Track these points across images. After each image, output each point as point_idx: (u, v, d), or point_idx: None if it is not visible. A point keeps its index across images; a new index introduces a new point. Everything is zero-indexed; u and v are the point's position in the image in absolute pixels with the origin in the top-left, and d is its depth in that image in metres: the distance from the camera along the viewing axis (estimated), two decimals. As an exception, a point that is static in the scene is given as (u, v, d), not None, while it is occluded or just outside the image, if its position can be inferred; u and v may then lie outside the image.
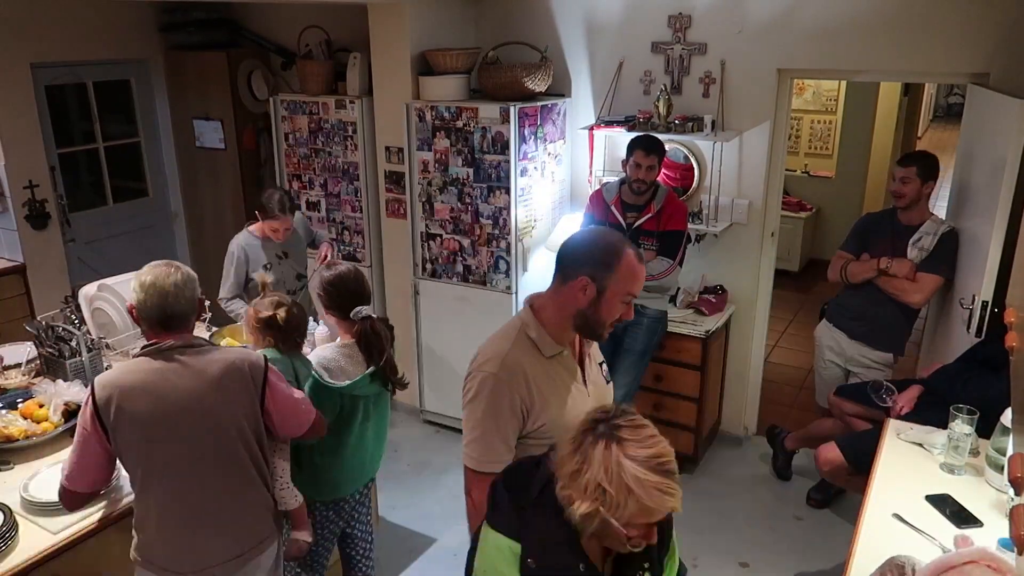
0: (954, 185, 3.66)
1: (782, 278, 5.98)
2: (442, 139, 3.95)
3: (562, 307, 1.76)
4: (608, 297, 1.71)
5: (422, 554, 3.43)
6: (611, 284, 1.70)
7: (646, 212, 3.47)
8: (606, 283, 1.70)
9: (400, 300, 4.45)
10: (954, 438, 2.43)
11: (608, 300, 1.72)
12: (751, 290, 4.06)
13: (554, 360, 1.79)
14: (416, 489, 3.89)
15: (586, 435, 1.38)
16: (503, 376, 1.73)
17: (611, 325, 1.78)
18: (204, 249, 5.40)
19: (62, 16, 4.45)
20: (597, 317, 1.74)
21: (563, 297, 1.75)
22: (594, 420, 1.41)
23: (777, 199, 4.05)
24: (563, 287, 1.74)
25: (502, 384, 1.72)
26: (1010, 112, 2.86)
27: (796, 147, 7.39)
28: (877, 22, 3.44)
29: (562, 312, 1.76)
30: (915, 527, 2.17)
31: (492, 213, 3.92)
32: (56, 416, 2.52)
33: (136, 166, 5.21)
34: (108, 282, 3.22)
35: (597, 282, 1.70)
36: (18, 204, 4.36)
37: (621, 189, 3.54)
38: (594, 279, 1.70)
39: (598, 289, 1.70)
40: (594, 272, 1.70)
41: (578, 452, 1.37)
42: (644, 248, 3.46)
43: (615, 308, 1.74)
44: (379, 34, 4.05)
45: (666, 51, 3.90)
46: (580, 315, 1.74)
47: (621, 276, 1.70)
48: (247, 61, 4.91)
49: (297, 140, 4.46)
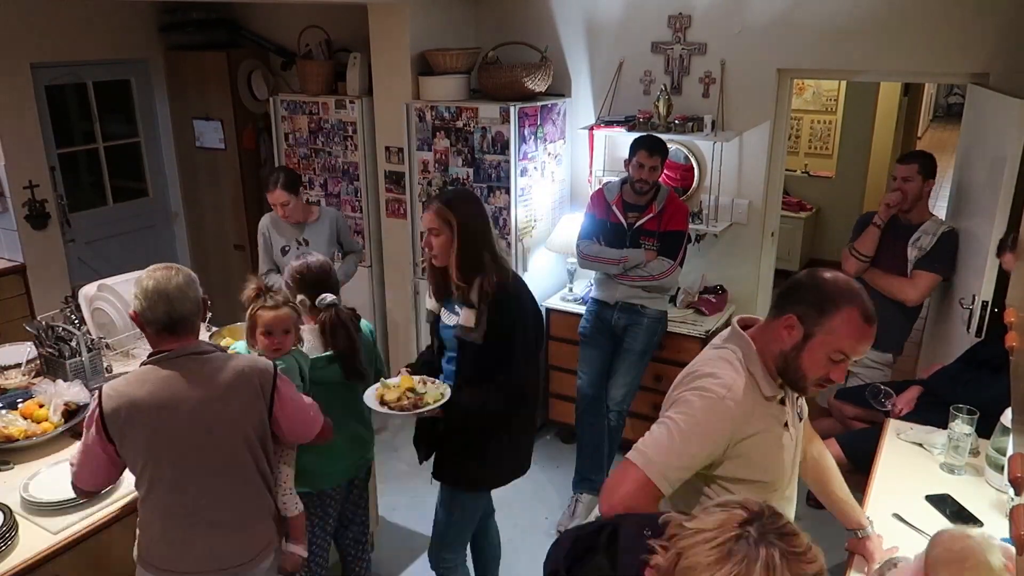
0: (954, 185, 3.66)
1: (782, 278, 5.95)
2: (442, 139, 3.95)
3: (768, 344, 1.63)
4: (813, 346, 1.56)
5: (422, 554, 3.42)
6: (820, 333, 1.55)
7: (647, 212, 3.47)
8: (815, 329, 1.55)
9: (400, 300, 4.45)
10: (954, 438, 2.43)
11: (812, 349, 1.56)
12: (751, 290, 4.06)
13: (771, 402, 1.66)
14: (416, 489, 3.89)
15: (740, 541, 1.08)
16: (731, 404, 1.58)
17: (818, 384, 1.62)
18: (204, 249, 5.40)
19: (62, 16, 4.44)
20: (797, 365, 1.59)
21: (771, 332, 1.63)
22: (743, 522, 1.11)
23: (777, 199, 4.06)
24: (773, 322, 1.62)
25: (726, 412, 1.58)
26: (1010, 112, 2.86)
27: (796, 147, 7.39)
28: (877, 22, 3.44)
29: (768, 348, 1.64)
30: (915, 527, 2.17)
31: (492, 213, 3.92)
32: (56, 416, 2.52)
33: (136, 166, 5.21)
34: (108, 282, 3.22)
35: (805, 325, 1.56)
36: (18, 204, 4.36)
37: (623, 189, 3.54)
38: (803, 321, 1.56)
39: (804, 333, 1.56)
40: (805, 313, 1.55)
41: (732, 561, 1.07)
42: (645, 248, 3.46)
43: (819, 362, 1.58)
44: (379, 34, 4.05)
45: (666, 51, 3.90)
46: (782, 356, 1.61)
47: (835, 328, 1.54)
48: (247, 61, 4.91)
49: (297, 140, 4.46)
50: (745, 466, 1.66)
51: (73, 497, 2.14)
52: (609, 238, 3.52)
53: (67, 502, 2.16)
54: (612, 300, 3.55)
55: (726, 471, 1.67)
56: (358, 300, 4.54)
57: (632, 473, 1.57)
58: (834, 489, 2.02)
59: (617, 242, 3.51)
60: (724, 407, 1.59)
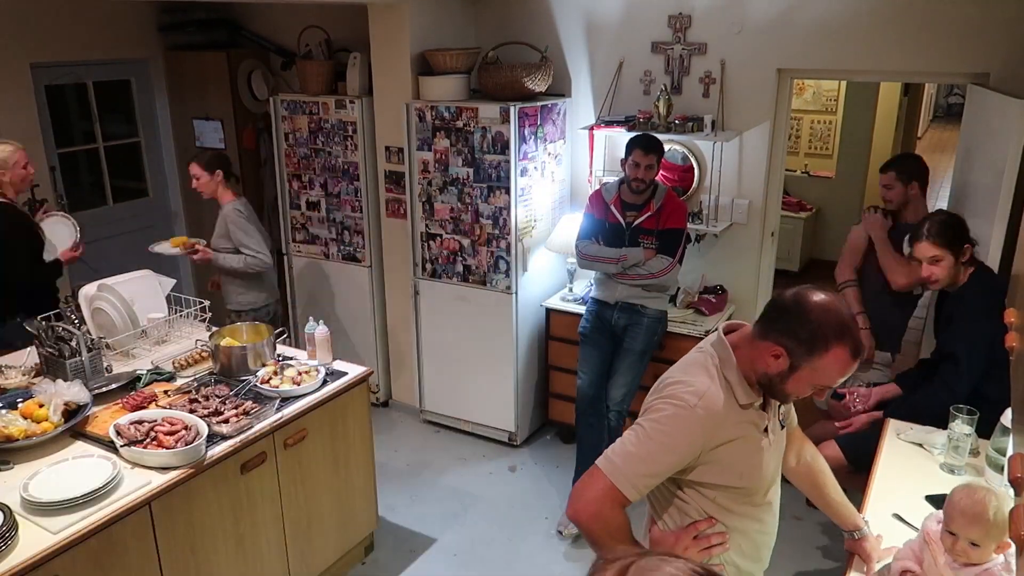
0: (954, 185, 3.66)
1: (782, 278, 5.97)
2: (442, 139, 3.95)
3: (751, 360, 1.64)
4: (799, 377, 1.59)
5: (422, 554, 3.43)
6: (807, 368, 1.57)
7: (645, 211, 3.47)
8: (802, 364, 1.57)
9: (400, 300, 4.45)
10: (954, 438, 2.43)
11: (797, 380, 1.60)
12: (751, 290, 4.06)
13: (747, 409, 1.67)
14: (416, 489, 3.89)
15: None
16: (701, 413, 1.60)
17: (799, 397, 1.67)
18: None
19: (62, 16, 4.45)
20: (781, 388, 1.63)
21: (756, 352, 1.63)
22: None
23: (777, 199, 4.06)
24: (759, 342, 1.62)
25: (696, 421, 1.60)
26: (1010, 112, 2.86)
27: (796, 147, 7.39)
28: (877, 22, 3.44)
29: (750, 363, 1.65)
30: (915, 527, 2.16)
31: (492, 213, 3.92)
32: (56, 416, 2.52)
33: (136, 166, 5.21)
34: (108, 282, 3.23)
35: (792, 358, 1.57)
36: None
37: (620, 188, 3.54)
38: (790, 354, 1.57)
39: (791, 365, 1.58)
40: (794, 348, 1.56)
41: None
42: (644, 246, 3.46)
43: (803, 389, 1.62)
44: (379, 34, 4.05)
45: (666, 51, 3.90)
46: (765, 376, 1.63)
47: (823, 366, 1.56)
48: (247, 61, 4.91)
49: (297, 140, 4.46)
50: (720, 472, 1.67)
51: (73, 497, 2.15)
52: (608, 238, 3.53)
53: (67, 502, 2.16)
54: (612, 300, 3.55)
55: (701, 476, 1.68)
56: (358, 300, 4.55)
57: (599, 479, 1.60)
58: (828, 492, 2.03)
59: (616, 242, 3.51)
60: (694, 416, 1.60)
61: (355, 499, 3.18)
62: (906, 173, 3.42)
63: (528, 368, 4.23)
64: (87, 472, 2.30)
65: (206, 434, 2.47)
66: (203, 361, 3.11)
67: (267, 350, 3.07)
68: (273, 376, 2.91)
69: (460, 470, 4.07)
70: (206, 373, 3.03)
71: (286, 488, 2.81)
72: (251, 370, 2.98)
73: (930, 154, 8.67)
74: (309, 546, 2.97)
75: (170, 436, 2.43)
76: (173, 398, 2.76)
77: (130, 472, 2.35)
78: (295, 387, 2.86)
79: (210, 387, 2.85)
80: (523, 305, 4.07)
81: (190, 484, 2.41)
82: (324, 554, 3.08)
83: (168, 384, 2.91)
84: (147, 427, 2.47)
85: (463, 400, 4.32)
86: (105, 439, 2.48)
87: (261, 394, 2.83)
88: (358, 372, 3.08)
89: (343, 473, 3.09)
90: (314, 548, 3.01)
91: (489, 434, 4.31)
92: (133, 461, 2.39)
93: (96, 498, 2.20)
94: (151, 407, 2.67)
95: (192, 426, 2.49)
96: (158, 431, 2.45)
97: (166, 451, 2.37)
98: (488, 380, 4.19)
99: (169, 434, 2.44)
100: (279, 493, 2.79)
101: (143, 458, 2.37)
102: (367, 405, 3.17)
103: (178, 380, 2.96)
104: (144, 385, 2.87)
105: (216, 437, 2.54)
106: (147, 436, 2.43)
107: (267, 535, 2.76)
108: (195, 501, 2.44)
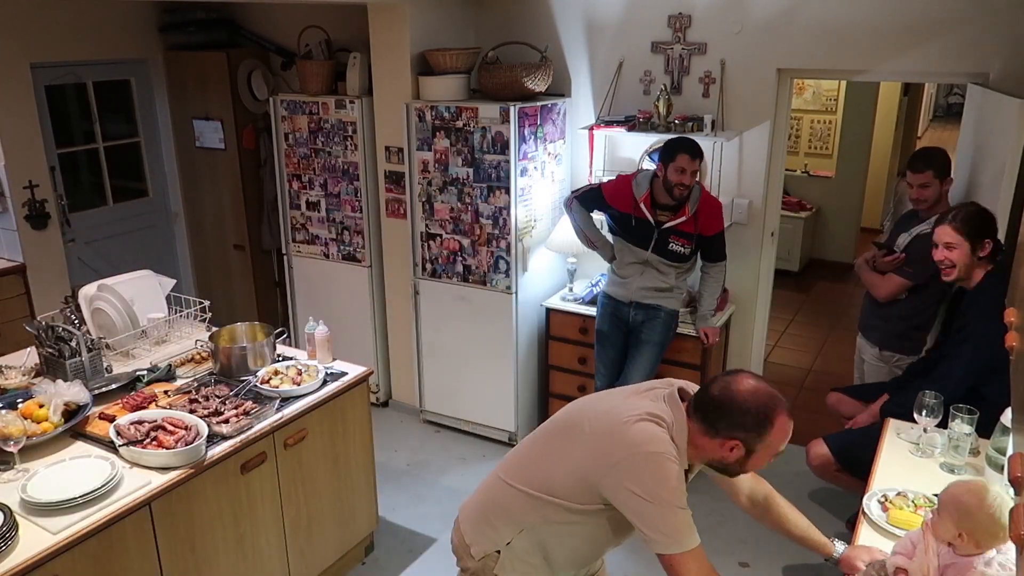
0: (954, 184, 3.66)
1: (782, 278, 5.98)
2: (442, 139, 3.95)
3: (703, 449, 1.78)
4: (756, 457, 1.75)
5: (422, 554, 3.43)
6: (761, 447, 1.73)
7: (680, 214, 3.43)
8: (756, 446, 1.73)
9: (400, 300, 4.45)
10: (954, 438, 2.43)
11: (756, 459, 1.76)
12: (751, 290, 4.06)
13: None
14: (416, 489, 3.89)
15: None
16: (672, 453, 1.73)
17: None
18: (204, 249, 5.40)
19: (62, 16, 4.44)
20: (740, 470, 1.79)
21: (709, 445, 1.76)
22: None
23: (777, 199, 4.06)
24: (711, 440, 1.75)
25: (673, 461, 1.73)
26: (1010, 112, 2.86)
27: (796, 147, 7.40)
28: (877, 22, 3.44)
29: (702, 452, 1.79)
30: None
31: (492, 213, 3.92)
32: (56, 416, 2.52)
33: (136, 166, 5.21)
34: (108, 282, 3.22)
35: (747, 444, 1.72)
36: (18, 204, 4.35)
37: (653, 185, 3.46)
38: (745, 443, 1.72)
39: (747, 451, 1.73)
40: (746, 437, 1.72)
41: None
42: (673, 247, 3.47)
43: (762, 463, 1.78)
44: (379, 34, 4.05)
45: (666, 51, 3.90)
46: (720, 463, 1.79)
47: (771, 440, 1.72)
48: (247, 61, 4.91)
49: (297, 140, 4.46)
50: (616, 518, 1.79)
51: (73, 497, 2.15)
52: (633, 235, 3.51)
53: (67, 502, 2.16)
54: (627, 299, 3.58)
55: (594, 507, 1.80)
56: (358, 300, 4.55)
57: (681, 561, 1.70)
58: (792, 528, 2.07)
59: (641, 240, 3.49)
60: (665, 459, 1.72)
61: (355, 499, 3.19)
62: (942, 170, 3.31)
63: (528, 368, 4.23)
64: (87, 472, 2.30)
65: (206, 434, 2.46)
66: (203, 361, 3.11)
67: (267, 350, 3.07)
68: (273, 376, 2.91)
69: (460, 470, 4.07)
70: (206, 373, 3.03)
71: (286, 488, 2.81)
72: (251, 370, 2.98)
73: (930, 154, 8.63)
74: (309, 546, 2.97)
75: (170, 436, 2.43)
76: (173, 398, 2.76)
77: (130, 472, 2.35)
78: (295, 387, 2.86)
79: (210, 387, 2.85)
80: (523, 305, 4.07)
81: (190, 484, 2.40)
82: (324, 554, 3.08)
83: (168, 384, 2.91)
84: (147, 427, 2.47)
85: (463, 400, 4.32)
86: (105, 439, 2.48)
87: (261, 394, 2.83)
88: (358, 372, 3.08)
89: (343, 473, 3.09)
90: (314, 548, 3.01)
91: (489, 434, 4.31)
92: (133, 461, 2.39)
93: (96, 498, 2.20)
94: (151, 407, 2.67)
95: (192, 426, 2.49)
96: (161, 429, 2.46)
97: (166, 451, 2.37)
98: (488, 380, 4.19)
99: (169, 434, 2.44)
100: (279, 493, 2.79)
101: (143, 458, 2.37)
102: (367, 405, 3.17)
103: (178, 380, 2.96)
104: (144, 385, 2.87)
105: (216, 437, 2.54)
106: (147, 436, 2.43)
107: (267, 535, 2.76)
108: (195, 501, 2.44)
